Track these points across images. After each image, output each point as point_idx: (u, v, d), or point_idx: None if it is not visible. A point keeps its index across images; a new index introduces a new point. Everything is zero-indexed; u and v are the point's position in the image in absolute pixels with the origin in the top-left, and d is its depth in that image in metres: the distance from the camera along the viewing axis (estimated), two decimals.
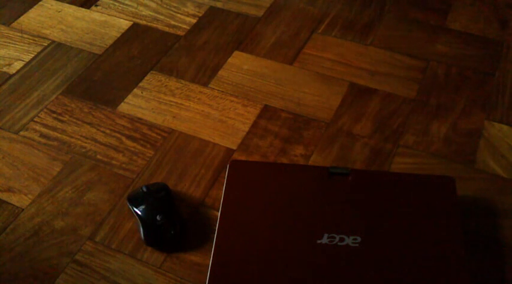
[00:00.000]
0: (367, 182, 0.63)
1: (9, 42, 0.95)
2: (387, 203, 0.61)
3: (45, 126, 0.80)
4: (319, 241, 0.57)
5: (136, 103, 0.83)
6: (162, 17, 0.99)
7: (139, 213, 0.65)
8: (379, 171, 0.71)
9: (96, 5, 1.02)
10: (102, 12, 1.00)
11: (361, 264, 0.56)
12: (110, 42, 0.94)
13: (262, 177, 0.64)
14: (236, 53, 0.91)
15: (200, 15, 0.99)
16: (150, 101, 0.83)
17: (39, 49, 0.93)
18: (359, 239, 0.57)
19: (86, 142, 0.78)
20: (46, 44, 0.94)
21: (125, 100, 0.84)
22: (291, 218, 0.60)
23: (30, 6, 1.02)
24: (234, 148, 0.76)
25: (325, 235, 0.58)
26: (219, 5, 1.01)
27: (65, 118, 0.81)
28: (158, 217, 0.64)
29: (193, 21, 0.98)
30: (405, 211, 0.60)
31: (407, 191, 0.62)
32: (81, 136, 0.79)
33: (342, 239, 0.57)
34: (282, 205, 0.61)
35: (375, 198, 0.61)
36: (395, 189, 0.63)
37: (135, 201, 0.66)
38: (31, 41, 0.95)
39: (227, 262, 0.57)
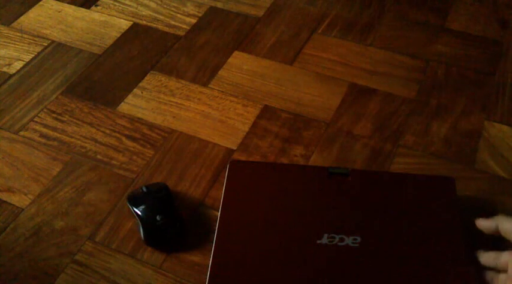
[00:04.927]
0: (366, 182, 0.63)
1: (9, 42, 0.95)
2: (387, 203, 0.61)
3: (45, 126, 0.80)
4: (319, 241, 0.57)
5: (137, 103, 0.83)
6: (162, 17, 0.99)
7: (139, 213, 0.65)
8: (379, 171, 0.71)
9: (96, 5, 1.02)
10: (102, 12, 1.00)
11: (361, 264, 0.56)
12: (110, 42, 0.94)
13: (262, 177, 0.64)
14: (236, 53, 0.91)
15: (200, 15, 0.99)
16: (150, 101, 0.83)
17: (39, 49, 0.94)
18: (359, 239, 0.57)
19: (86, 142, 0.78)
20: (46, 44, 0.94)
21: (125, 100, 0.84)
22: (291, 219, 0.60)
23: (30, 6, 1.02)
24: (234, 148, 0.76)
25: (325, 235, 0.57)
26: (219, 5, 1.01)
27: (65, 118, 0.81)
28: (158, 217, 0.64)
29: (193, 21, 0.98)
30: (405, 211, 0.60)
31: (407, 191, 0.62)
32: (81, 136, 0.79)
33: (342, 240, 0.57)
34: (282, 205, 0.61)
35: (375, 198, 0.61)
36: (395, 189, 0.63)
37: (135, 201, 0.66)
38: (31, 41, 0.95)
39: (227, 262, 0.57)
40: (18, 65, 0.91)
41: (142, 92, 0.85)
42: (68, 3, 1.03)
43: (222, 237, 0.59)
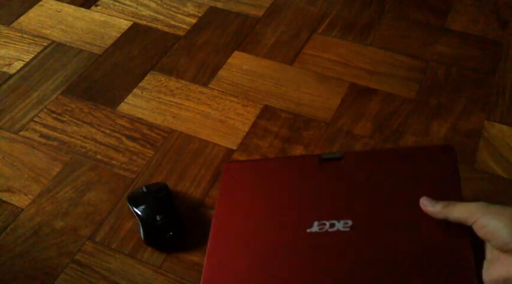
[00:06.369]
0: (360, 163, 0.60)
1: (9, 42, 0.95)
2: (381, 182, 0.57)
3: (45, 126, 0.80)
4: (308, 230, 0.55)
5: (137, 103, 0.83)
6: (162, 17, 0.99)
7: (139, 213, 0.65)
8: (374, 150, 0.68)
9: (96, 5, 1.02)
10: (102, 12, 1.00)
11: (352, 248, 0.53)
12: (110, 42, 0.94)
13: (256, 175, 0.63)
14: (236, 53, 0.91)
15: (200, 15, 0.99)
16: (150, 101, 0.83)
17: (39, 49, 0.94)
18: (350, 223, 0.55)
19: (86, 142, 0.78)
20: (46, 44, 0.94)
21: (125, 100, 0.84)
22: (282, 211, 0.59)
23: (30, 6, 1.02)
24: (234, 148, 0.76)
25: (315, 223, 0.56)
26: (219, 5, 1.01)
27: (65, 118, 0.81)
28: (158, 217, 0.64)
29: (193, 21, 0.98)
30: (401, 188, 0.56)
31: (403, 167, 0.58)
32: (81, 136, 0.79)
33: (332, 225, 0.55)
34: (274, 199, 0.60)
35: (368, 178, 0.58)
36: (391, 166, 0.59)
37: (135, 201, 0.66)
38: (31, 41, 0.95)
39: (220, 262, 0.56)
40: (18, 65, 0.91)
41: (142, 92, 0.85)
42: (68, 3, 1.03)
43: (216, 239, 0.59)
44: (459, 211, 0.49)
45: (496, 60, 0.88)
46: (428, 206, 0.51)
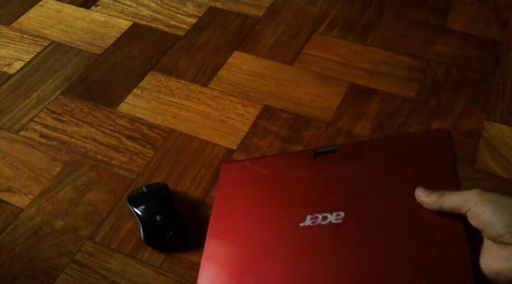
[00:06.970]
0: (354, 154, 0.59)
1: (9, 42, 0.95)
2: (376, 172, 0.56)
3: (45, 126, 0.80)
4: (301, 224, 0.55)
5: (137, 103, 0.83)
6: (162, 17, 0.99)
7: (139, 213, 0.65)
8: (369, 141, 0.68)
9: (96, 5, 1.02)
10: (102, 12, 1.00)
11: (345, 239, 0.53)
12: (110, 42, 0.94)
13: (252, 174, 0.63)
14: (236, 53, 0.91)
15: (200, 15, 0.99)
16: (150, 101, 0.83)
17: (39, 49, 0.94)
18: (342, 214, 0.54)
19: (86, 142, 0.78)
20: (46, 44, 0.94)
21: (125, 100, 0.84)
22: (277, 209, 0.58)
23: (30, 6, 1.02)
24: (234, 148, 0.76)
25: (308, 217, 0.55)
26: (219, 5, 1.01)
27: (65, 119, 0.81)
28: (158, 217, 0.64)
29: (193, 21, 0.98)
30: (396, 176, 0.55)
31: (397, 155, 0.57)
32: (81, 136, 0.79)
33: (324, 218, 0.54)
34: (270, 197, 0.60)
35: (363, 169, 0.57)
36: (385, 155, 0.57)
37: (135, 201, 0.66)
38: (31, 41, 0.95)
39: (217, 264, 0.56)
40: (18, 65, 0.91)
41: (142, 92, 0.85)
42: (68, 3, 1.03)
43: (213, 239, 0.59)
44: (453, 200, 0.47)
45: (496, 60, 0.88)
46: (423, 196, 0.50)
